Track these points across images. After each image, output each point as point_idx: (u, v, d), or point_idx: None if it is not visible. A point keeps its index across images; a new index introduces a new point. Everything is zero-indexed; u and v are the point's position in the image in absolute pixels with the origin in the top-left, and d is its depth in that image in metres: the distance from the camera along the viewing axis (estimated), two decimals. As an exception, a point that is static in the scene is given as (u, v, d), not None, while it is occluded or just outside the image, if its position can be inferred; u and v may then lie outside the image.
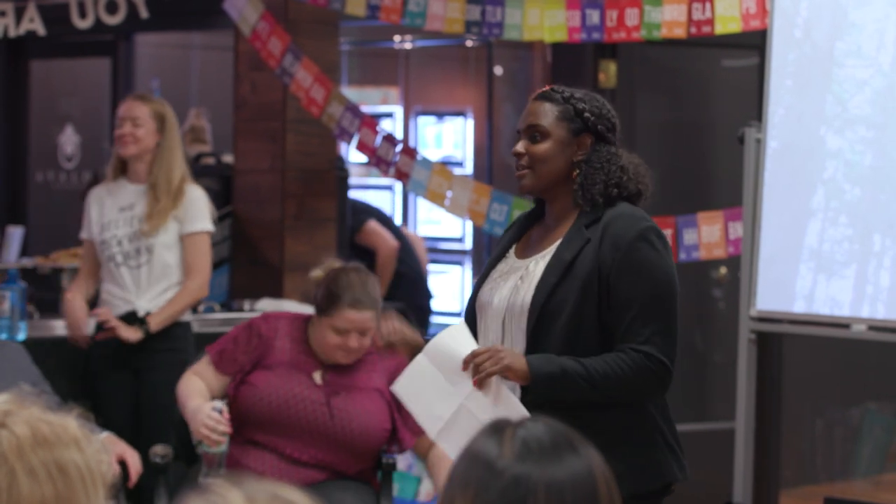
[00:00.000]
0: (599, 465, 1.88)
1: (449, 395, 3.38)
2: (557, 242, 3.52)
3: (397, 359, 4.74)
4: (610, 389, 3.37)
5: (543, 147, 3.53)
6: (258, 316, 4.88)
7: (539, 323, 3.42)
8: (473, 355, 3.37)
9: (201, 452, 4.55)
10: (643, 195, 3.55)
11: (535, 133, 3.55)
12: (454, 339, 3.42)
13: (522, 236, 3.66)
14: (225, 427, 4.50)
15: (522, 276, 3.52)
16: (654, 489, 3.51)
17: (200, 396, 4.66)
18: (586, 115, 3.53)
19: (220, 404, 4.57)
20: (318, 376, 4.71)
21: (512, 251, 3.63)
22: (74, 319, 5.49)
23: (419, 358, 3.45)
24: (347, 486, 4.69)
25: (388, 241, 7.36)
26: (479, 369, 3.35)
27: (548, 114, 3.55)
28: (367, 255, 7.30)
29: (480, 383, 3.35)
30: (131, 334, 5.37)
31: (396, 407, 4.72)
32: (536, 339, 3.43)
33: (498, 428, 1.91)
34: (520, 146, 3.56)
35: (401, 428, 4.73)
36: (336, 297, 4.66)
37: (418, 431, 4.74)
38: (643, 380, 3.39)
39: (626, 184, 3.51)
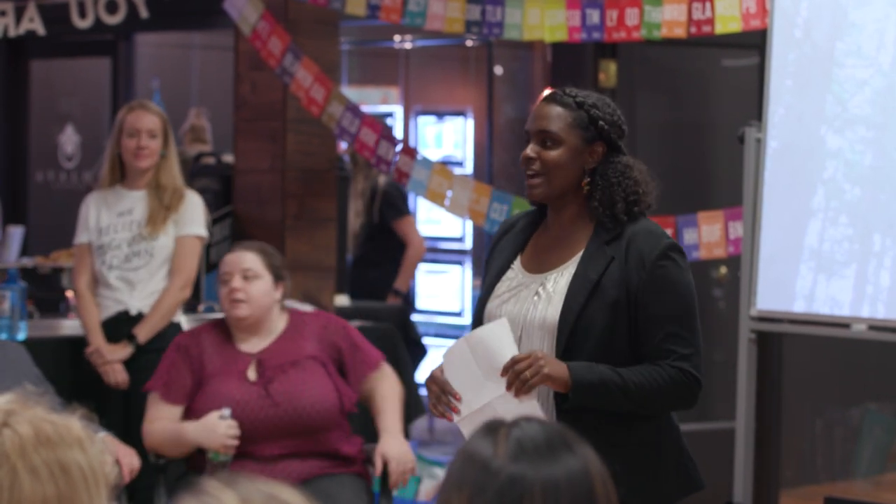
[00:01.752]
0: (595, 464, 1.88)
1: (481, 388, 3.34)
2: (576, 258, 3.43)
3: (320, 316, 4.89)
4: (645, 401, 3.36)
5: (556, 154, 3.42)
6: (179, 336, 4.96)
7: (569, 343, 3.37)
8: (514, 362, 3.29)
9: (213, 462, 4.57)
10: (652, 206, 3.50)
11: (546, 138, 3.43)
12: (496, 337, 3.35)
13: (525, 245, 3.55)
14: (235, 430, 4.57)
15: (539, 293, 3.44)
16: (682, 498, 3.50)
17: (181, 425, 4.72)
18: (601, 123, 3.43)
19: (226, 412, 4.61)
20: (251, 372, 4.72)
21: (517, 262, 3.52)
22: (109, 371, 5.50)
23: (461, 343, 3.39)
24: (343, 481, 4.70)
25: (422, 240, 7.52)
26: (519, 378, 3.28)
27: (560, 119, 3.43)
28: (391, 240, 7.39)
29: (518, 392, 3.28)
30: (120, 354, 5.44)
31: (334, 367, 4.75)
32: (569, 358, 3.36)
33: (492, 428, 1.91)
34: (530, 150, 3.44)
35: (341, 388, 4.74)
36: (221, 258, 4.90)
37: (356, 381, 4.77)
38: (677, 394, 3.38)
39: (644, 198, 3.44)
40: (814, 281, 4.92)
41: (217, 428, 4.57)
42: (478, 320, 3.52)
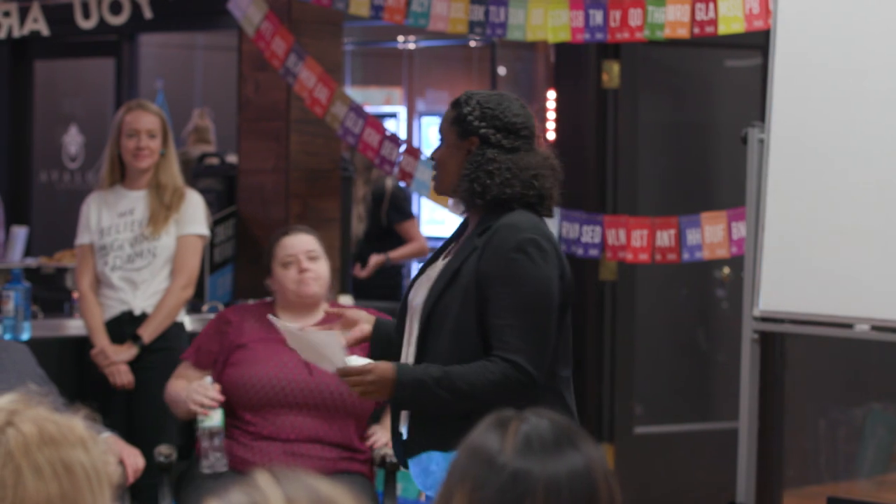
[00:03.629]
0: (599, 462, 1.88)
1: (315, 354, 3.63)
2: None
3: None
4: (473, 398, 3.41)
5: (439, 152, 3.64)
6: (225, 310, 5.05)
7: (427, 327, 3.51)
8: (343, 373, 3.50)
9: (200, 431, 4.60)
10: (519, 199, 3.53)
11: (440, 138, 3.67)
12: (330, 346, 3.57)
13: (458, 240, 3.70)
14: (214, 392, 4.60)
15: (426, 279, 3.61)
16: None
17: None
18: (469, 118, 3.58)
19: (207, 379, 4.68)
20: None
21: (444, 254, 3.69)
22: (114, 372, 5.51)
23: (304, 334, 3.66)
24: (347, 482, 4.70)
25: (424, 241, 7.57)
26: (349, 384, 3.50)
27: (445, 119, 3.65)
28: (390, 242, 7.41)
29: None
30: (126, 355, 5.44)
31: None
32: (425, 342, 3.52)
33: (502, 422, 1.91)
34: (430, 151, 3.71)
35: None
36: (270, 243, 4.95)
37: None
38: (505, 389, 3.42)
39: (490, 188, 3.51)
40: (817, 281, 4.92)
41: (189, 392, 4.65)
42: (402, 303, 3.69)
